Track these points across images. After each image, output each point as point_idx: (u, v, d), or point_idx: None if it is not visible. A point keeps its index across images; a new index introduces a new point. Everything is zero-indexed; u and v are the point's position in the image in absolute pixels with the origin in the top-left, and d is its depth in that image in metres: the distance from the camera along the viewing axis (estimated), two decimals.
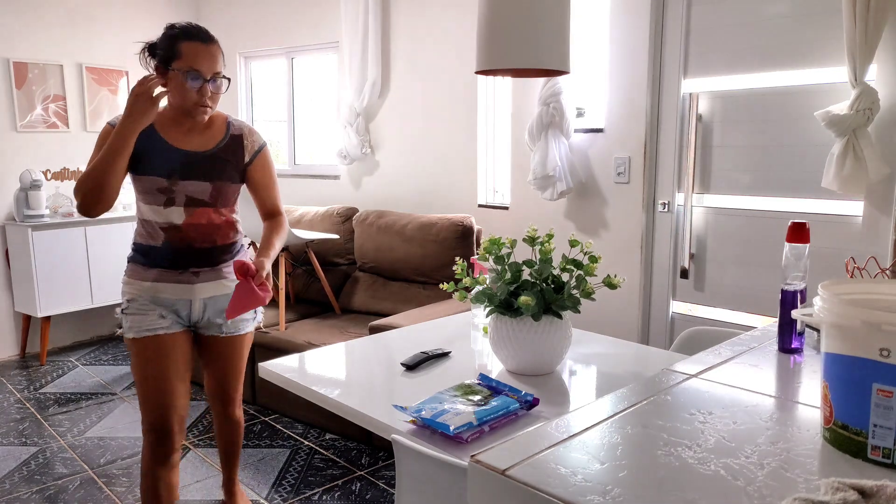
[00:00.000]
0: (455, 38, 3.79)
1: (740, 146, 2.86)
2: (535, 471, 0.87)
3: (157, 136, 1.98)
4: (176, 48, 1.91)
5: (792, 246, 1.36)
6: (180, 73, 1.90)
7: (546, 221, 3.43)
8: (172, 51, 1.91)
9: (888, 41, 2.39)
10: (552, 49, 1.77)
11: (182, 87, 1.92)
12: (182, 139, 2.00)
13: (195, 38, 1.93)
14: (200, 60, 1.92)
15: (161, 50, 1.93)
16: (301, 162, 4.97)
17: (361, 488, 2.78)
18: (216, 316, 2.13)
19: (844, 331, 0.90)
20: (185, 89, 1.92)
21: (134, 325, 2.01)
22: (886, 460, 0.88)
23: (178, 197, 1.99)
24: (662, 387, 1.17)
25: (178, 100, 1.94)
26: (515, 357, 1.66)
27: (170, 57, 1.91)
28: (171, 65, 1.91)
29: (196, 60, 1.91)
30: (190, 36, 1.93)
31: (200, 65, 1.91)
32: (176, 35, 1.93)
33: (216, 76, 1.95)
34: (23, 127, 4.54)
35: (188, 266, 2.05)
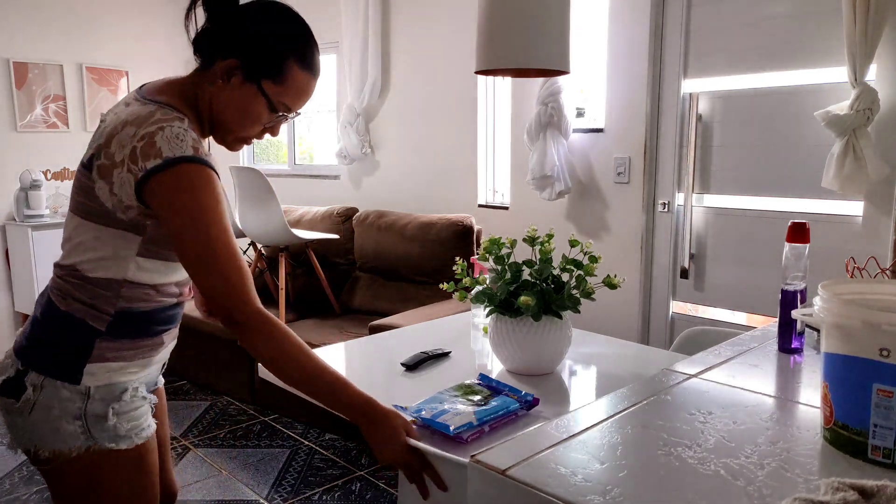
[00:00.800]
0: (455, 38, 3.78)
1: (740, 146, 2.86)
2: (535, 471, 0.87)
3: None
4: (282, 68, 1.25)
5: (792, 246, 1.36)
6: (265, 100, 1.27)
7: (546, 221, 3.43)
8: (274, 68, 1.25)
9: (888, 41, 2.39)
10: (552, 49, 1.77)
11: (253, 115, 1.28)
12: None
13: (311, 69, 1.30)
14: (301, 99, 1.31)
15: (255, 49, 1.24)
16: (301, 162, 4.97)
17: (361, 488, 2.78)
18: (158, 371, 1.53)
19: (844, 331, 0.90)
20: (254, 120, 1.29)
21: (133, 428, 1.30)
22: (887, 460, 0.88)
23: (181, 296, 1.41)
24: (662, 387, 1.17)
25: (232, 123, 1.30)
26: (515, 357, 1.66)
27: (265, 72, 1.25)
28: (262, 82, 1.25)
29: (300, 99, 1.31)
30: (309, 63, 1.29)
31: (299, 105, 1.32)
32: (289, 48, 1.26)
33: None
34: (23, 127, 4.54)
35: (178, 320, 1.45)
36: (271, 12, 1.27)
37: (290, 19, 1.29)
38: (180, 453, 3.11)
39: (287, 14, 1.29)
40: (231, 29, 1.25)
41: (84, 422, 1.25)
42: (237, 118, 1.29)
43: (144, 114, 1.20)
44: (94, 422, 1.25)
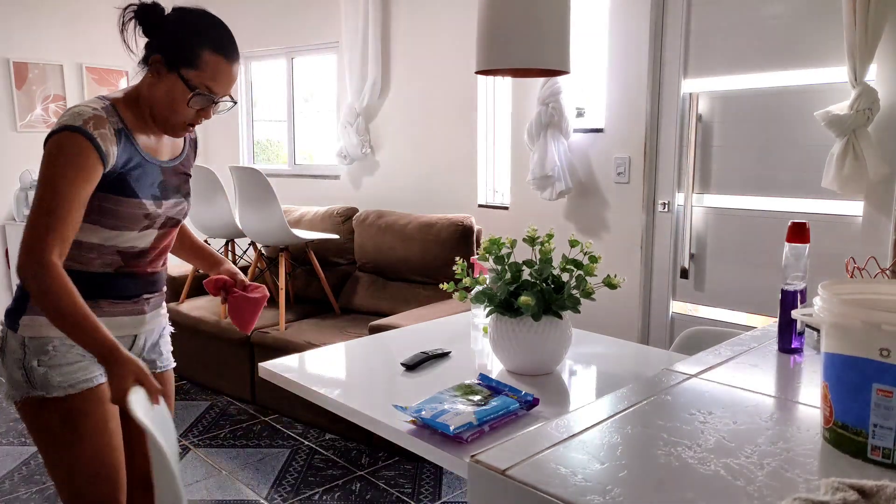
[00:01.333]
0: (455, 38, 3.78)
1: (740, 146, 2.86)
2: (535, 471, 0.87)
3: (135, 148, 1.51)
4: (196, 55, 1.45)
5: (792, 246, 1.36)
6: (186, 86, 1.46)
7: (546, 221, 3.43)
8: (189, 56, 1.45)
9: (888, 41, 2.39)
10: (552, 49, 1.77)
11: (179, 101, 1.48)
12: (155, 148, 1.57)
13: (223, 52, 1.49)
14: (221, 81, 1.50)
15: (172, 44, 1.46)
16: (301, 162, 4.97)
17: (361, 488, 2.78)
18: (153, 350, 1.73)
19: (844, 331, 0.90)
20: (181, 104, 1.48)
21: (66, 378, 1.47)
22: (886, 460, 0.88)
23: (158, 220, 1.58)
24: (662, 387, 1.17)
25: (164, 111, 1.49)
26: (515, 357, 1.66)
27: (182, 61, 1.45)
28: (180, 70, 1.45)
29: (216, 80, 1.49)
30: (219, 47, 1.48)
31: (219, 87, 1.50)
32: (201, 39, 1.47)
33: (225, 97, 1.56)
34: (23, 127, 4.54)
35: (141, 293, 1.62)
36: (186, 13, 1.51)
37: (202, 16, 1.52)
38: (180, 453, 3.11)
39: (200, 12, 1.53)
40: (156, 32, 1.49)
41: (24, 371, 1.47)
42: (167, 104, 1.49)
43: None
44: (31, 371, 1.47)
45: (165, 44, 1.47)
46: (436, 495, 2.73)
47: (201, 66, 1.47)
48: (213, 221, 3.82)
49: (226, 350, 3.72)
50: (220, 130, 5.41)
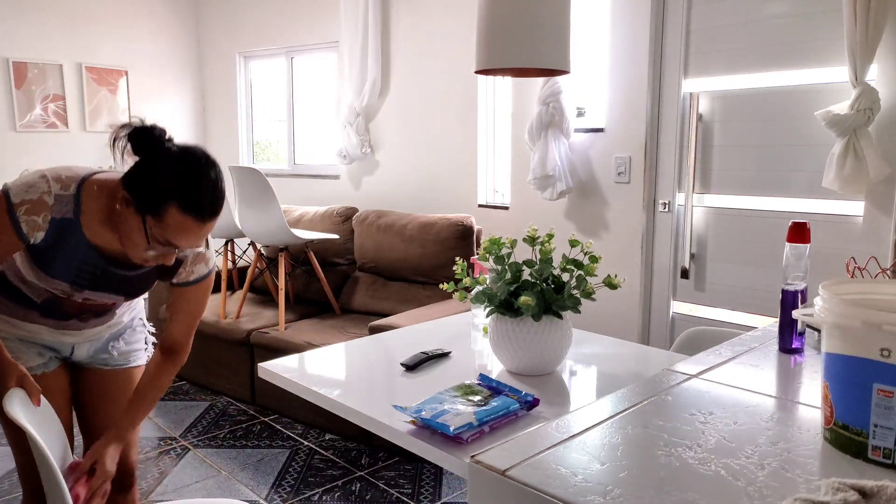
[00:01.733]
0: (455, 38, 3.78)
1: (741, 146, 2.86)
2: (535, 471, 0.87)
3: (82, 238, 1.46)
4: (162, 208, 1.36)
5: (792, 246, 1.36)
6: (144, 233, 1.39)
7: (546, 221, 3.43)
8: (155, 207, 1.36)
9: (889, 41, 2.39)
10: (552, 49, 1.77)
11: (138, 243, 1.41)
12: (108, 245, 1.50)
13: (193, 213, 1.37)
14: (185, 239, 1.41)
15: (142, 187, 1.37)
16: (301, 162, 4.97)
17: (361, 489, 2.78)
18: (102, 351, 1.75)
19: (845, 331, 0.90)
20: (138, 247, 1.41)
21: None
22: (887, 460, 0.88)
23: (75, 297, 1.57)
24: (663, 387, 1.17)
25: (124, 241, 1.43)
26: (515, 357, 1.65)
27: (147, 209, 1.37)
28: (144, 216, 1.37)
29: (179, 238, 1.40)
30: (189, 207, 1.37)
31: (183, 243, 1.41)
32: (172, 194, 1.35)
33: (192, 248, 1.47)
34: (22, 127, 4.54)
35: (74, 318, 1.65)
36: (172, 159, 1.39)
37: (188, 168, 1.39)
38: (180, 453, 3.11)
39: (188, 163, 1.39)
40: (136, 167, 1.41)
41: None
42: (126, 240, 1.43)
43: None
44: None
45: (136, 185, 1.38)
46: (436, 496, 2.73)
47: (165, 219, 1.37)
48: None
49: (226, 350, 3.71)
50: (219, 130, 5.42)
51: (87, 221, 1.46)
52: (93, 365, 1.76)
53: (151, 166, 1.39)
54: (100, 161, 4.90)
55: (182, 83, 5.36)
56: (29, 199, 1.41)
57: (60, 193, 1.44)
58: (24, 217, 1.40)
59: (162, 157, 1.39)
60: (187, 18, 5.34)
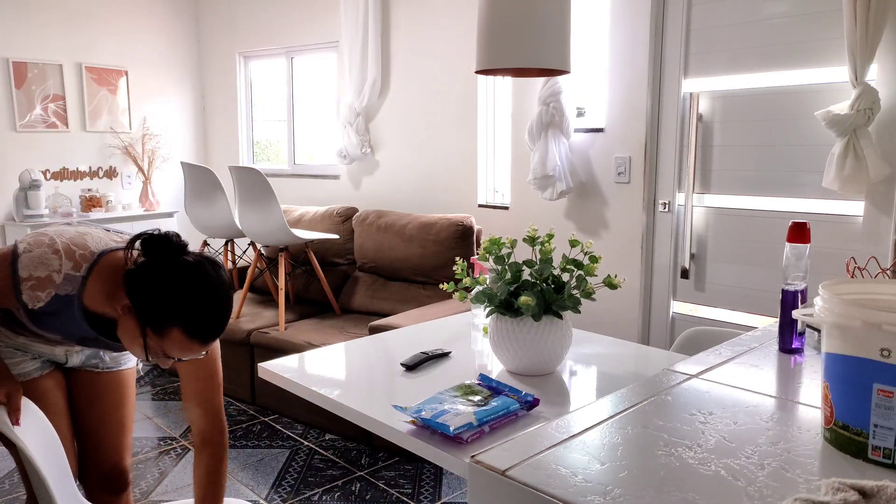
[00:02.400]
0: (455, 38, 3.78)
1: (741, 146, 2.86)
2: (535, 471, 0.87)
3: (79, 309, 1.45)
4: (165, 328, 1.35)
5: (793, 246, 1.36)
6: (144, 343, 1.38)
7: (546, 221, 3.43)
8: (158, 325, 1.35)
9: (889, 41, 2.39)
10: (552, 49, 1.77)
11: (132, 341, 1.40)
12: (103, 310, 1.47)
13: (197, 337, 1.37)
14: (184, 355, 1.42)
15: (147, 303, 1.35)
16: (301, 162, 4.97)
17: (361, 489, 2.78)
18: (93, 357, 1.75)
19: (845, 331, 0.90)
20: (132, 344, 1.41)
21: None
22: (887, 460, 0.88)
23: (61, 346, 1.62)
24: (663, 387, 1.17)
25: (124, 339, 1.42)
26: (515, 357, 1.65)
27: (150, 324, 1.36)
28: (146, 329, 1.36)
29: (178, 353, 1.40)
30: (193, 332, 1.36)
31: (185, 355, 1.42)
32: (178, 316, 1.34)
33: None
34: (22, 127, 4.54)
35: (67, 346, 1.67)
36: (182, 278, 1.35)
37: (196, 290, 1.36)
38: (180, 453, 3.11)
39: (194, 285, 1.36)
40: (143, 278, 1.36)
41: None
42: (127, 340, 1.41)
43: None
44: None
45: (141, 297, 1.35)
46: (436, 496, 2.72)
47: (167, 337, 1.36)
48: (213, 221, 3.82)
49: (225, 350, 3.70)
50: (219, 130, 5.42)
51: (87, 295, 1.44)
52: (84, 368, 1.76)
53: (160, 278, 1.35)
54: (99, 161, 4.90)
55: (182, 83, 5.36)
56: (37, 277, 1.38)
57: (70, 273, 1.41)
58: (28, 291, 1.39)
59: (171, 274, 1.35)
60: (187, 18, 5.34)
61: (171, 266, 1.36)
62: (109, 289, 1.43)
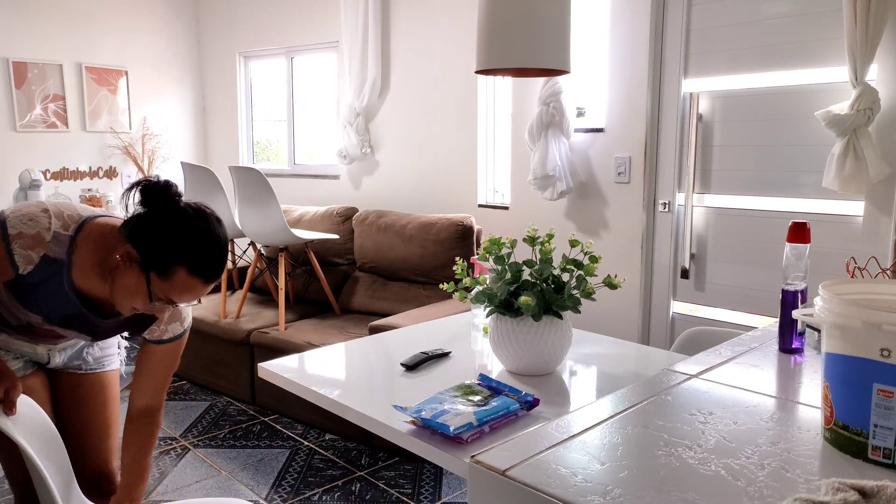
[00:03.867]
0: (455, 38, 3.78)
1: (741, 146, 2.86)
2: (535, 471, 0.87)
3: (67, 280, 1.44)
4: (170, 269, 1.38)
5: (793, 246, 1.36)
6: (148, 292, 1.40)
7: (546, 221, 3.43)
8: (163, 267, 1.38)
9: (889, 41, 2.39)
10: (552, 49, 1.77)
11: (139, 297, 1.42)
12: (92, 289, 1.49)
13: (200, 276, 1.41)
14: (188, 297, 1.44)
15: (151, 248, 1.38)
16: (301, 162, 4.97)
17: (361, 489, 2.78)
18: (76, 357, 1.75)
19: (845, 331, 0.90)
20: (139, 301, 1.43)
21: None
22: (887, 460, 0.88)
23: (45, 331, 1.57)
24: (663, 387, 1.17)
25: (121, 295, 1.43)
26: (515, 357, 1.65)
27: (154, 267, 1.38)
28: (150, 274, 1.39)
29: (182, 296, 1.43)
30: (197, 270, 1.40)
31: (184, 300, 1.45)
32: (181, 256, 1.38)
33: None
34: (22, 127, 4.54)
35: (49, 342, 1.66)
36: (182, 220, 1.40)
37: (196, 230, 1.40)
38: (180, 453, 3.11)
39: (198, 225, 1.41)
40: (146, 224, 1.39)
41: None
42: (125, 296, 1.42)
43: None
44: None
45: (145, 245, 1.38)
46: (436, 496, 2.72)
47: (172, 280, 1.39)
48: None
49: (225, 350, 3.71)
50: (219, 130, 5.42)
51: (77, 264, 1.44)
52: (67, 370, 1.75)
53: (161, 224, 1.38)
54: (99, 161, 4.90)
55: (182, 83, 5.36)
56: (27, 234, 1.39)
57: (59, 232, 1.41)
58: (19, 250, 1.38)
59: (174, 216, 1.39)
60: (187, 18, 5.34)
61: (174, 210, 1.40)
62: (100, 256, 1.44)
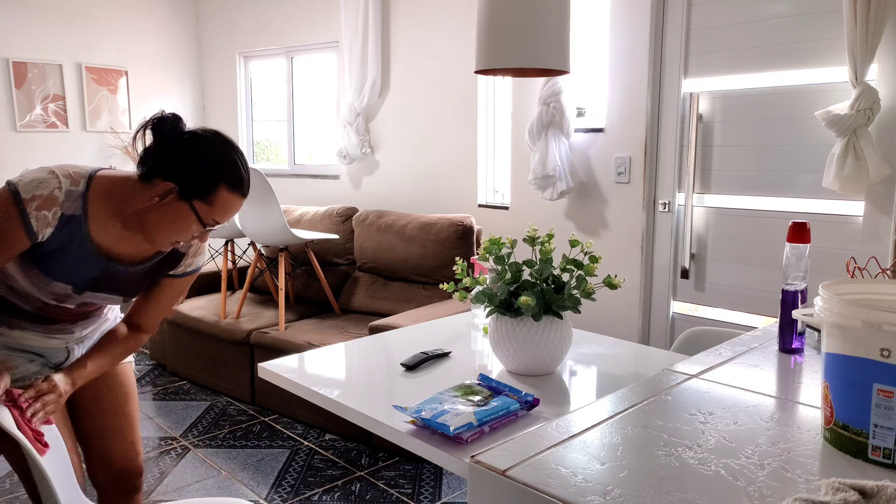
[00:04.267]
0: (455, 38, 3.78)
1: (741, 146, 2.86)
2: (535, 471, 0.87)
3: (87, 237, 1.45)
4: (212, 191, 1.42)
5: (793, 246, 1.36)
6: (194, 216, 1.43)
7: (546, 221, 3.43)
8: (206, 191, 1.41)
9: (889, 41, 2.39)
10: (552, 49, 1.77)
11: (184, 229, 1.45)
12: (113, 243, 1.49)
13: (240, 191, 1.46)
14: (228, 215, 1.48)
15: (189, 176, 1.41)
16: (301, 162, 4.97)
17: (361, 489, 2.78)
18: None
19: (845, 331, 0.90)
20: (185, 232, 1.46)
21: None
22: (887, 460, 0.88)
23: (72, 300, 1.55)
24: (663, 387, 1.17)
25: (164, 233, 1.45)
26: (515, 357, 1.65)
27: (196, 194, 1.41)
28: (193, 202, 1.41)
29: (225, 215, 1.46)
30: (236, 185, 1.45)
31: (225, 219, 1.48)
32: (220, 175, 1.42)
33: None
34: (22, 127, 4.54)
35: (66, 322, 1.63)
36: (208, 143, 1.44)
37: (223, 149, 1.45)
38: (180, 453, 3.11)
39: (221, 145, 1.46)
40: (173, 156, 1.41)
41: None
42: (169, 231, 1.45)
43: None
44: None
45: (182, 174, 1.40)
46: (436, 496, 2.73)
47: (215, 202, 1.43)
48: None
49: (225, 350, 3.71)
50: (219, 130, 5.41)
51: (93, 218, 1.45)
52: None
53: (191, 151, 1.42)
54: (100, 161, 4.90)
55: (182, 83, 5.36)
56: (40, 195, 1.39)
57: (71, 189, 1.42)
58: (35, 213, 1.38)
59: (198, 141, 1.43)
60: (187, 18, 5.34)
61: (194, 136, 1.43)
62: (115, 207, 1.45)
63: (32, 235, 1.39)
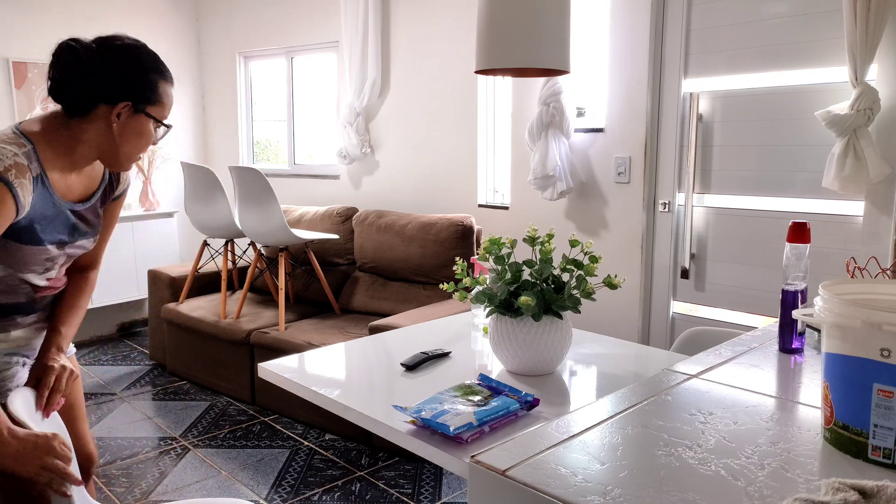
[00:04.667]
0: (455, 38, 3.78)
1: (741, 146, 2.86)
2: (535, 471, 0.87)
3: (50, 194, 1.45)
4: (157, 91, 1.47)
5: (793, 246, 1.36)
6: (151, 122, 1.47)
7: (546, 221, 3.43)
8: (152, 92, 1.46)
9: (889, 41, 2.39)
10: (552, 49, 1.77)
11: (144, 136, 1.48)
12: (67, 189, 1.51)
13: (170, 78, 1.51)
14: (170, 108, 1.53)
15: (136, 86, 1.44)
16: (301, 162, 4.97)
17: (361, 489, 2.78)
18: None
19: (845, 331, 0.90)
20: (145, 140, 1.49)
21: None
22: (887, 460, 0.88)
23: (59, 260, 1.56)
24: (663, 387, 1.17)
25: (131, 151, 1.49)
26: (515, 357, 1.65)
27: (147, 101, 1.45)
28: (147, 109, 1.45)
29: (169, 109, 1.52)
30: (167, 76, 1.50)
31: (168, 114, 1.53)
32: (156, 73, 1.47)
33: None
34: None
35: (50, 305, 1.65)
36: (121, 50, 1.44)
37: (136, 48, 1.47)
38: (180, 453, 3.11)
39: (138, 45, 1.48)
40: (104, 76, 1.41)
41: None
42: (137, 144, 1.49)
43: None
44: None
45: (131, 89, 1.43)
46: (436, 496, 2.73)
47: (163, 100, 1.48)
48: (213, 221, 3.82)
49: (225, 350, 3.71)
50: (219, 130, 5.42)
51: (50, 170, 1.44)
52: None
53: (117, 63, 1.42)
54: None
55: (182, 83, 5.36)
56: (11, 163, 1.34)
57: (24, 152, 1.39)
58: (16, 181, 1.34)
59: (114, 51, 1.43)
60: (187, 18, 5.34)
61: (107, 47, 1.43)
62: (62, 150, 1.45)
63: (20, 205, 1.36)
